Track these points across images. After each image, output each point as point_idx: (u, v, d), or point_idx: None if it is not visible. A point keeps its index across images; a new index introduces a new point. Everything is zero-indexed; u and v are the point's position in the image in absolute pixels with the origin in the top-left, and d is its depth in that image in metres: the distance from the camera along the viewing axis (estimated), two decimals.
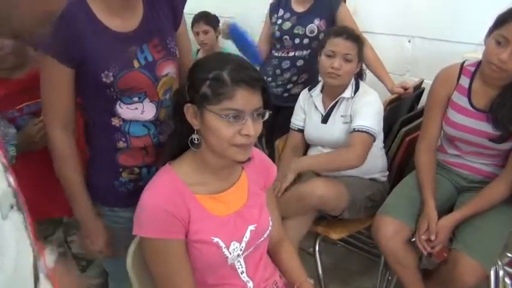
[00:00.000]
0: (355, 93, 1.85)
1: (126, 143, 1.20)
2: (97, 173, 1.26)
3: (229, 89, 0.97)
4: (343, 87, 1.85)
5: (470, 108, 1.62)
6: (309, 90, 1.99)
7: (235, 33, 2.32)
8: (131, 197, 1.16)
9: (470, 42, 2.07)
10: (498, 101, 1.54)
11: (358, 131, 1.77)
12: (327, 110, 1.90)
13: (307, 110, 1.98)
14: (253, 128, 1.00)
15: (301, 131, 2.00)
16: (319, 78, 2.02)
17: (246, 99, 0.99)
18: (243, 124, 1.00)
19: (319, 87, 1.96)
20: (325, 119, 1.90)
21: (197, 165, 1.09)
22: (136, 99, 1.16)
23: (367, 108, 1.80)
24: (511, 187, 1.55)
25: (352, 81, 1.87)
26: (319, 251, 1.94)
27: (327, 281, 1.98)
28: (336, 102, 1.88)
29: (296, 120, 2.01)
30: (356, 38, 1.80)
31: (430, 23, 2.31)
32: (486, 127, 1.58)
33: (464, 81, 1.64)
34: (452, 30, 2.22)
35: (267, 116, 1.06)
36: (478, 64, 1.60)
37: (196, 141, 1.05)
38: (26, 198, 0.52)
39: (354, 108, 1.82)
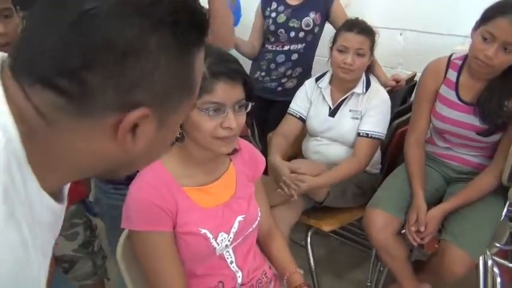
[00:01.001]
0: (366, 89, 1.86)
1: None
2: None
3: (208, 82, 0.98)
4: (355, 82, 1.86)
5: (458, 102, 1.63)
6: (316, 80, 1.98)
7: None
8: (135, 174, 1.17)
9: (461, 35, 2.08)
10: (485, 95, 1.56)
11: (366, 136, 1.80)
12: (336, 104, 1.91)
13: (313, 100, 1.97)
14: (234, 120, 1.01)
15: (302, 119, 1.98)
16: (316, 70, 2.02)
17: (226, 92, 0.99)
18: (224, 117, 1.01)
19: (327, 78, 1.95)
20: (333, 113, 1.91)
21: (184, 158, 1.11)
22: None
23: (378, 111, 1.83)
24: (499, 178, 1.57)
25: (363, 76, 1.88)
26: (311, 243, 1.95)
27: (319, 273, 2.00)
28: (346, 97, 1.88)
29: (298, 108, 1.98)
30: (368, 31, 1.80)
31: (421, 16, 2.32)
32: (474, 120, 1.60)
33: (452, 75, 1.65)
34: (443, 23, 2.23)
35: (249, 107, 1.06)
36: (465, 57, 1.62)
37: (179, 135, 1.06)
38: None
39: (366, 108, 1.84)
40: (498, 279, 1.67)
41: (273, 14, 2.28)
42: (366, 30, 1.79)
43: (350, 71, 1.78)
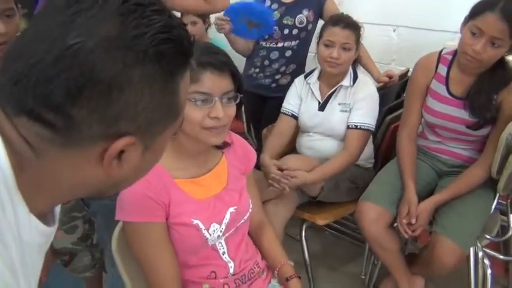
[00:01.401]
0: (354, 81, 1.89)
1: None
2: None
3: (195, 72, 1.00)
4: (342, 75, 1.89)
5: (449, 96, 1.66)
6: (305, 77, 2.02)
7: (235, 14, 2.21)
8: None
9: (453, 31, 2.10)
10: (474, 89, 1.59)
11: (355, 127, 1.83)
12: (324, 98, 1.94)
13: (303, 96, 2.00)
14: (222, 111, 1.03)
15: (294, 117, 2.01)
16: (310, 66, 2.05)
17: (213, 82, 1.02)
18: (212, 107, 1.03)
19: (315, 74, 1.98)
20: (322, 107, 1.94)
21: (176, 150, 1.13)
22: None
23: (366, 103, 1.86)
24: (489, 171, 1.60)
25: (350, 69, 1.91)
26: (306, 237, 1.98)
27: (314, 267, 2.03)
28: (334, 91, 1.91)
29: (290, 106, 2.01)
30: (353, 26, 1.83)
31: (414, 13, 2.36)
32: (464, 114, 1.63)
33: (442, 70, 1.68)
34: (435, 19, 2.26)
35: (238, 99, 1.09)
36: (455, 52, 1.64)
37: None
38: None
39: (354, 100, 1.86)
40: (489, 271, 1.69)
41: None
42: (351, 25, 1.82)
43: (337, 64, 1.81)
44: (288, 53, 2.31)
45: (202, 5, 1.52)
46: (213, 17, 2.98)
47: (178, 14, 2.89)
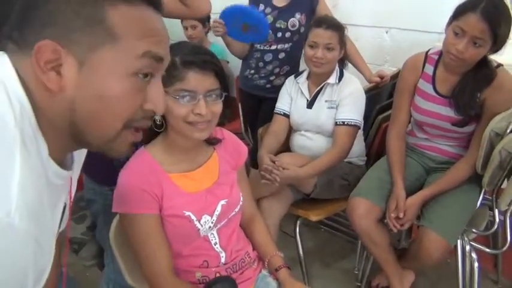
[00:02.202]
0: (339, 79, 1.96)
1: None
2: (96, 155, 1.35)
3: (179, 71, 1.07)
4: (328, 74, 1.96)
5: (435, 95, 1.72)
6: (295, 77, 2.09)
7: (229, 17, 2.27)
8: None
9: (442, 32, 2.16)
10: (459, 88, 1.65)
11: (342, 124, 1.89)
12: (312, 95, 2.01)
13: (293, 95, 2.08)
14: (205, 107, 1.09)
15: (286, 115, 2.08)
16: (304, 68, 2.11)
17: (197, 80, 1.08)
18: (195, 104, 1.09)
19: (305, 74, 2.06)
20: (310, 104, 2.01)
21: (168, 146, 1.20)
22: None
23: (351, 99, 1.92)
24: (474, 166, 1.65)
25: (336, 67, 1.98)
26: (301, 234, 2.03)
27: (308, 263, 2.09)
28: (321, 88, 1.98)
29: (282, 105, 2.09)
30: (336, 27, 1.90)
31: (406, 15, 2.41)
32: (449, 112, 1.69)
33: (429, 69, 1.74)
34: (426, 21, 2.31)
35: (223, 97, 1.14)
36: (441, 52, 1.70)
37: (158, 122, 1.15)
38: None
39: (340, 97, 1.93)
40: (476, 264, 1.75)
41: None
42: (334, 26, 1.89)
43: (321, 64, 1.89)
44: (282, 55, 2.38)
45: (183, 9, 1.57)
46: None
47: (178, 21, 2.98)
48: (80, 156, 0.78)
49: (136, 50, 0.61)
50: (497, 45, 1.52)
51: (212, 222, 1.21)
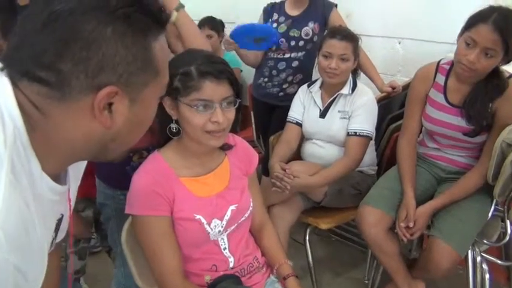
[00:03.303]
0: (353, 90, 1.97)
1: None
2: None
3: (196, 81, 1.10)
4: (342, 84, 1.98)
5: (446, 104, 1.72)
6: (308, 86, 2.11)
7: (239, 36, 2.36)
8: None
9: (454, 43, 2.16)
10: (470, 98, 1.65)
11: (354, 134, 1.91)
12: (325, 105, 2.02)
13: (306, 104, 2.09)
14: (222, 115, 1.12)
15: (299, 124, 2.10)
16: (317, 76, 2.13)
17: (213, 89, 1.11)
18: (212, 112, 1.12)
19: (318, 83, 2.07)
20: (323, 114, 2.02)
21: (181, 151, 1.23)
22: None
23: (364, 110, 1.93)
24: (485, 177, 1.65)
25: (350, 78, 1.99)
26: (312, 243, 2.04)
27: (318, 271, 2.09)
28: (334, 98, 1.99)
29: (294, 114, 2.10)
30: (350, 37, 1.92)
31: (418, 26, 2.42)
32: (461, 122, 1.69)
33: (440, 79, 1.74)
34: (438, 32, 2.33)
35: (237, 103, 1.17)
36: (453, 62, 1.70)
37: (174, 130, 1.18)
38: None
39: (353, 108, 1.94)
40: (487, 276, 1.73)
41: (275, 25, 2.40)
42: (348, 37, 1.90)
43: (335, 75, 1.90)
44: (295, 64, 2.41)
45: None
46: (227, 32, 3.14)
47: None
48: (78, 167, 0.80)
49: (165, 79, 0.68)
50: (508, 56, 1.52)
51: (222, 227, 1.23)
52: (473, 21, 1.54)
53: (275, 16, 2.41)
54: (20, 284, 0.58)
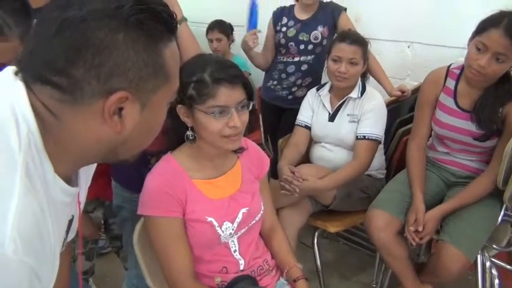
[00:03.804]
0: (362, 94, 1.98)
1: None
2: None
3: (211, 88, 1.11)
4: (351, 88, 1.98)
5: (456, 109, 1.72)
6: (317, 89, 2.12)
7: (255, 22, 2.37)
8: None
9: (464, 47, 2.16)
10: (480, 102, 1.65)
11: (363, 138, 1.91)
12: (334, 109, 2.02)
13: (315, 108, 2.09)
14: (238, 118, 1.13)
15: (308, 127, 2.10)
16: (326, 80, 2.14)
17: (228, 95, 1.12)
18: (229, 117, 1.13)
19: (327, 87, 2.08)
20: (332, 117, 2.02)
21: (194, 153, 1.24)
22: None
23: (373, 114, 1.94)
24: (495, 181, 1.64)
25: (359, 82, 2.00)
26: (321, 246, 2.04)
27: (327, 275, 2.09)
28: (343, 102, 2.00)
29: (303, 117, 2.11)
30: (360, 41, 1.92)
31: (428, 30, 2.42)
32: (471, 126, 1.69)
33: (450, 83, 1.75)
34: (448, 36, 2.32)
35: (251, 106, 1.19)
36: (463, 67, 1.71)
37: (191, 138, 1.19)
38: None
39: (362, 112, 1.95)
40: (496, 281, 1.73)
41: (284, 29, 2.42)
42: (357, 41, 1.91)
43: (344, 79, 1.90)
44: (304, 67, 2.42)
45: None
46: (236, 35, 3.16)
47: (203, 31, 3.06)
48: (89, 170, 0.81)
49: (176, 85, 0.68)
50: None
51: (233, 229, 1.24)
52: (484, 26, 1.54)
53: (284, 20, 2.42)
54: (35, 285, 0.59)
